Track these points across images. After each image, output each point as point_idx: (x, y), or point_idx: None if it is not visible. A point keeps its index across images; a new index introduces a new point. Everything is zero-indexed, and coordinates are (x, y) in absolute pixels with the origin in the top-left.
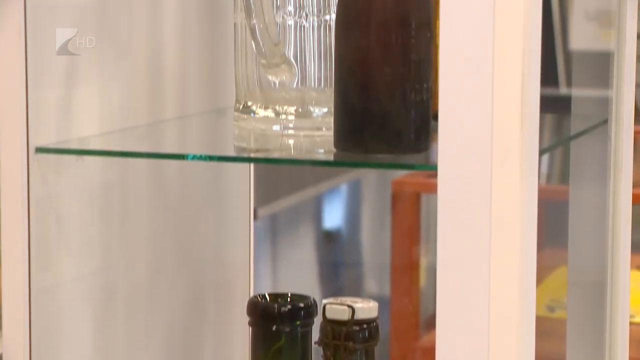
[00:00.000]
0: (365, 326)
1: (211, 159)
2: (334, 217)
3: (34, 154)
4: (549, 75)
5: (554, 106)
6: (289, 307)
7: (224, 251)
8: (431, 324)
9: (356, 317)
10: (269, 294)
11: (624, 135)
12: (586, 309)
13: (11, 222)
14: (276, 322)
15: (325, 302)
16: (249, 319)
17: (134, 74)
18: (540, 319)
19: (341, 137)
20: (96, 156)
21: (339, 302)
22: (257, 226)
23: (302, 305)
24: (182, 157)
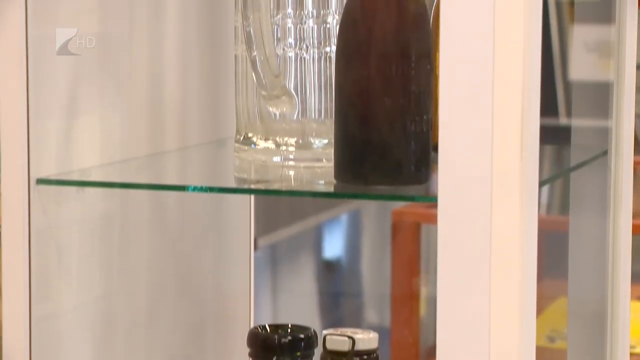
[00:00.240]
0: (365, 357)
1: (212, 190)
2: (334, 247)
3: (35, 185)
4: (548, 105)
5: (554, 136)
6: (289, 338)
7: (224, 281)
8: (431, 354)
9: (356, 348)
10: (269, 325)
11: (624, 166)
12: (586, 339)
13: (12, 252)
14: (277, 354)
15: (325, 333)
16: (249, 350)
17: (134, 105)
18: (540, 350)
19: (341, 169)
20: (97, 187)
21: (339, 332)
22: (257, 256)
23: (302, 336)
24: (182, 188)
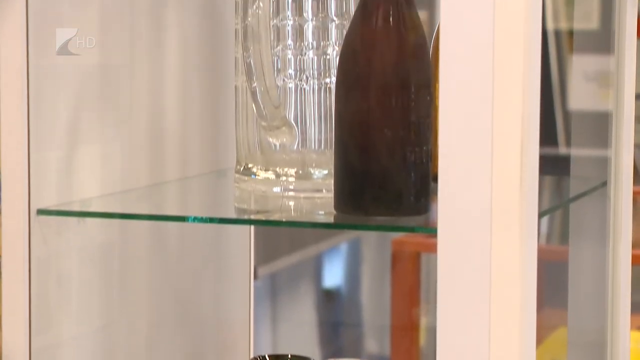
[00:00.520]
0: None
1: (212, 221)
2: (334, 276)
3: (36, 216)
4: (548, 135)
5: (554, 166)
6: None
7: (224, 311)
8: None
9: None
10: (269, 355)
11: (623, 196)
12: None
13: (12, 282)
14: None
15: None
16: None
17: (135, 135)
18: None
19: (341, 199)
20: (97, 218)
21: None
22: (256, 285)
23: None
24: (182, 219)
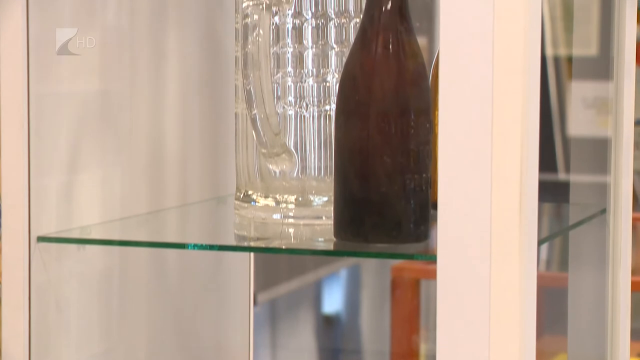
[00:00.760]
0: None
1: (212, 248)
2: (333, 302)
3: (36, 243)
4: (547, 161)
5: (553, 193)
6: None
7: (224, 337)
8: None
9: None
10: None
11: (623, 223)
12: None
13: (12, 308)
14: None
15: None
16: None
17: (135, 162)
18: None
19: (341, 226)
20: (97, 245)
21: None
22: (256, 312)
23: None
24: (182, 246)
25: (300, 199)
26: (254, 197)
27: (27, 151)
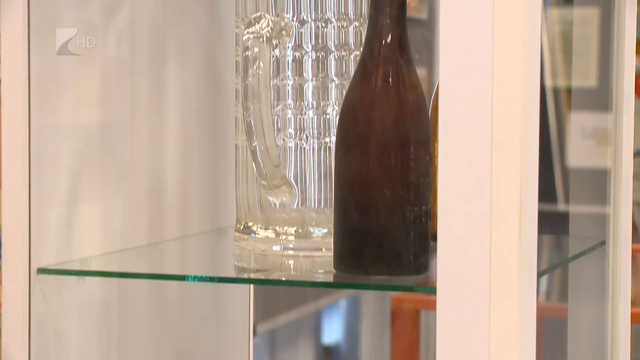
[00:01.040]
0: None
1: (212, 280)
2: (333, 332)
3: (36, 275)
4: (546, 192)
5: (552, 224)
6: None
7: None
8: None
9: None
10: None
11: (622, 255)
12: None
13: (12, 340)
14: None
15: None
16: None
17: (135, 194)
18: None
19: (341, 258)
20: (97, 277)
21: None
22: (256, 342)
23: None
24: (182, 278)
25: (300, 230)
26: (254, 228)
27: (28, 183)
